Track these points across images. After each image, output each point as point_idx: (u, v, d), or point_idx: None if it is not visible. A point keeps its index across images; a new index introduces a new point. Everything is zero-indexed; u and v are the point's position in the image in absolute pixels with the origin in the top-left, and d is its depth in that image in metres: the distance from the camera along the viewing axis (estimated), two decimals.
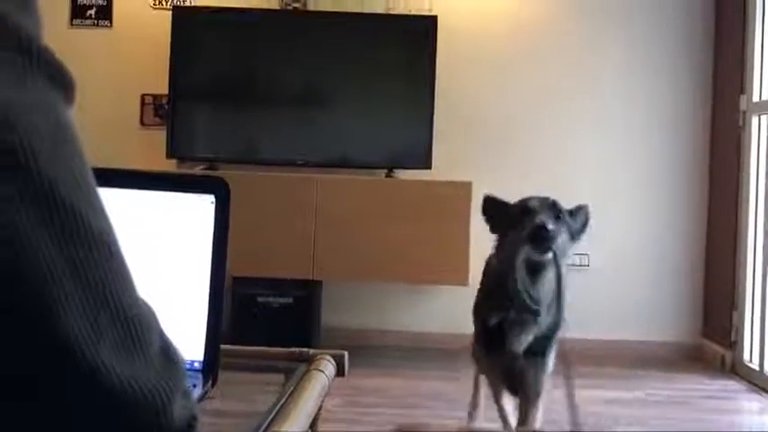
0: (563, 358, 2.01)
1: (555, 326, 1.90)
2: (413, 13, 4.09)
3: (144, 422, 0.48)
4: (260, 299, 3.79)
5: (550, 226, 1.73)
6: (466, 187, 3.65)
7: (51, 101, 0.49)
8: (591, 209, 2.01)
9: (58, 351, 0.45)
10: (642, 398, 3.38)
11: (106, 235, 0.49)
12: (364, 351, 3.53)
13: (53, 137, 0.47)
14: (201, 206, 0.80)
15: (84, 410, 0.46)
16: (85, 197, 0.48)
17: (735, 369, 3.86)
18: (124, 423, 0.47)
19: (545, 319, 1.87)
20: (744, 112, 3.93)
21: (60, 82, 0.50)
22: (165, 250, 0.81)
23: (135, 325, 0.48)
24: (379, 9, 4.12)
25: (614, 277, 4.19)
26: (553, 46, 4.22)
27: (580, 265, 4.17)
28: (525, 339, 1.88)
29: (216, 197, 0.80)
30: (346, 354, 1.12)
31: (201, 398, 0.82)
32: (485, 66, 4.20)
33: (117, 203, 0.50)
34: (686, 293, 4.23)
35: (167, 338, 0.52)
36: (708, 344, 4.12)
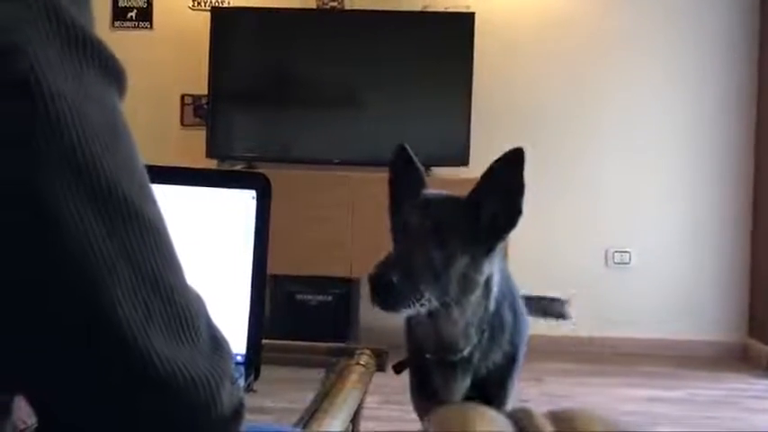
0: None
1: (509, 357, 1.39)
2: (450, 10, 4.08)
3: (194, 408, 0.48)
4: (298, 296, 3.81)
5: (395, 278, 1.14)
6: None
7: (103, 91, 0.49)
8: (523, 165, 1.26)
9: (106, 333, 0.45)
10: (685, 397, 3.33)
11: (157, 221, 0.49)
12: (403, 349, 3.52)
13: (105, 126, 0.48)
14: (243, 201, 0.81)
15: (134, 396, 0.47)
16: (137, 184, 0.48)
17: None
18: (175, 408, 0.47)
19: (490, 355, 1.36)
20: None
21: (112, 73, 0.51)
22: (209, 245, 0.82)
23: (185, 311, 0.49)
24: (417, 7, 4.12)
25: (656, 275, 4.12)
26: (591, 41, 4.16)
27: (621, 263, 4.12)
28: (457, 387, 1.37)
29: (257, 192, 0.81)
30: (386, 349, 1.12)
31: (245, 391, 0.82)
32: (521, 62, 4.16)
33: (161, 199, 0.51)
34: (731, 291, 4.14)
35: (215, 326, 0.52)
36: (753, 343, 4.03)
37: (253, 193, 0.81)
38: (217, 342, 0.51)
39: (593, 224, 4.05)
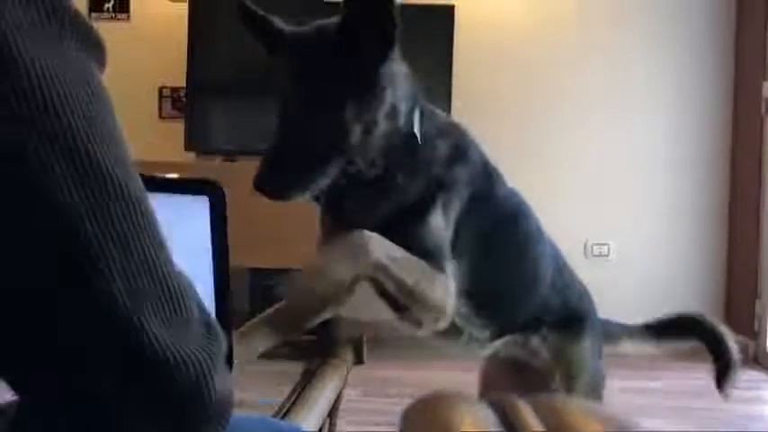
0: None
1: (436, 182, 1.19)
2: (430, 2, 4.07)
3: (186, 391, 0.47)
4: (276, 290, 3.80)
5: (285, 177, 1.08)
6: None
7: (83, 62, 0.49)
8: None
9: (99, 314, 0.45)
10: (662, 388, 3.36)
11: (141, 197, 0.48)
12: (382, 342, 3.53)
13: (85, 95, 0.47)
14: (197, 208, 0.79)
15: (127, 377, 0.46)
16: (119, 159, 0.48)
17: (757, 359, 3.83)
18: (167, 389, 0.46)
19: (415, 176, 1.19)
20: (767, 99, 3.88)
21: (91, 45, 0.51)
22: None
23: (175, 291, 0.48)
24: None
25: (635, 267, 4.16)
26: (573, 32, 4.18)
27: (600, 255, 4.14)
28: (375, 211, 1.20)
29: (210, 199, 0.79)
30: (364, 339, 1.12)
31: None
32: (502, 57, 4.17)
33: None
34: (708, 283, 4.19)
35: (206, 310, 0.51)
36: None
37: (206, 199, 0.79)
38: (210, 326, 0.51)
39: (572, 217, 4.07)
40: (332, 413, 1.06)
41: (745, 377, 3.58)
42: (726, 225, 4.19)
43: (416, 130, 1.17)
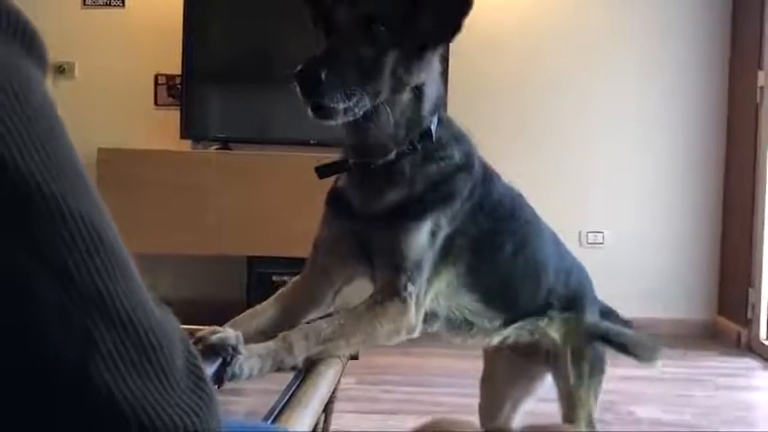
0: None
1: (446, 174, 1.23)
2: None
3: None
4: (275, 278, 3.80)
5: (323, 74, 1.07)
6: None
7: (35, 76, 0.41)
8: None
9: (67, 374, 0.37)
10: (656, 376, 3.38)
11: (98, 229, 0.40)
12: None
13: (42, 122, 0.39)
14: None
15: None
16: (64, 178, 0.39)
17: (750, 346, 3.85)
18: None
19: (426, 166, 1.23)
20: (761, 88, 3.88)
21: (36, 51, 0.42)
22: None
23: (148, 338, 0.39)
24: None
25: (629, 255, 4.17)
26: (572, 23, 4.17)
27: (595, 243, 4.16)
28: (382, 199, 1.23)
29: None
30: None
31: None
32: (498, 54, 4.16)
33: None
34: (702, 271, 4.20)
35: (195, 357, 0.43)
36: (723, 321, 4.10)
37: None
38: (198, 375, 0.42)
39: (567, 205, 4.08)
40: (326, 409, 1.06)
41: (739, 365, 3.61)
42: (720, 214, 4.21)
43: (433, 128, 1.22)
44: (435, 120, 1.24)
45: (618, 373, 3.28)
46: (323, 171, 1.28)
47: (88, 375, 0.37)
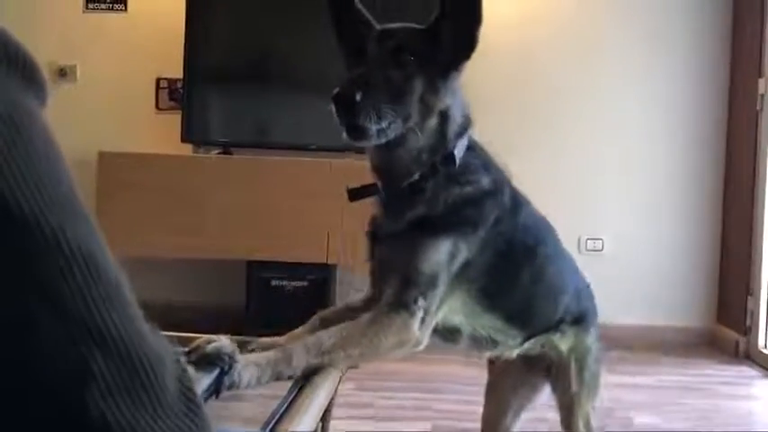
0: None
1: (468, 199, 1.28)
2: None
3: None
4: (274, 282, 3.80)
5: (358, 96, 1.12)
6: None
7: (34, 108, 0.41)
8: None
9: (51, 399, 0.37)
10: (655, 384, 3.38)
11: (95, 259, 0.40)
12: None
13: (42, 154, 0.40)
14: None
15: None
16: (61, 210, 0.39)
17: (749, 355, 3.85)
18: None
19: (448, 188, 1.27)
20: (762, 96, 3.89)
21: (36, 83, 0.43)
22: None
23: (141, 364, 0.39)
24: None
25: (628, 262, 4.17)
26: (572, 31, 4.18)
27: (594, 250, 4.16)
28: (405, 217, 1.27)
29: None
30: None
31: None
32: (496, 57, 4.17)
33: None
34: (701, 279, 4.21)
35: (188, 379, 0.43)
36: (722, 329, 4.10)
37: None
38: (191, 400, 0.42)
39: (566, 212, 4.08)
40: (324, 417, 1.07)
41: (737, 373, 3.61)
42: (719, 221, 4.21)
43: (456, 152, 1.27)
44: (462, 144, 1.29)
45: (614, 381, 3.30)
46: (354, 194, 1.33)
47: (84, 405, 0.37)
